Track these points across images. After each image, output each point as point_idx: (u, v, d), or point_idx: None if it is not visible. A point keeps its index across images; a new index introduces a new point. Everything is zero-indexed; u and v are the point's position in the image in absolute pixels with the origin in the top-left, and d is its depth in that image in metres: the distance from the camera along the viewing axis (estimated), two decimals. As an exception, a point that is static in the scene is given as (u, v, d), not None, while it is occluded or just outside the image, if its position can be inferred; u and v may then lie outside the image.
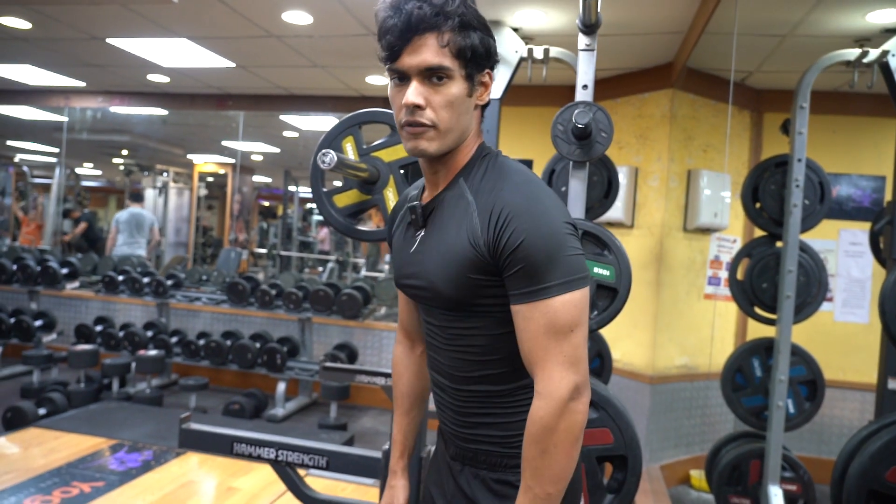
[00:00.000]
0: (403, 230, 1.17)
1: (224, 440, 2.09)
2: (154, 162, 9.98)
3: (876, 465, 1.54)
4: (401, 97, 1.01)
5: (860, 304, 3.94)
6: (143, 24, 3.57)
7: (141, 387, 4.66)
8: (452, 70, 0.99)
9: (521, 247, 0.94)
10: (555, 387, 0.95)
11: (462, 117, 1.03)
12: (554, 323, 0.95)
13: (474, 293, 1.00)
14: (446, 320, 1.07)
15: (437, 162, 1.07)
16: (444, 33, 0.98)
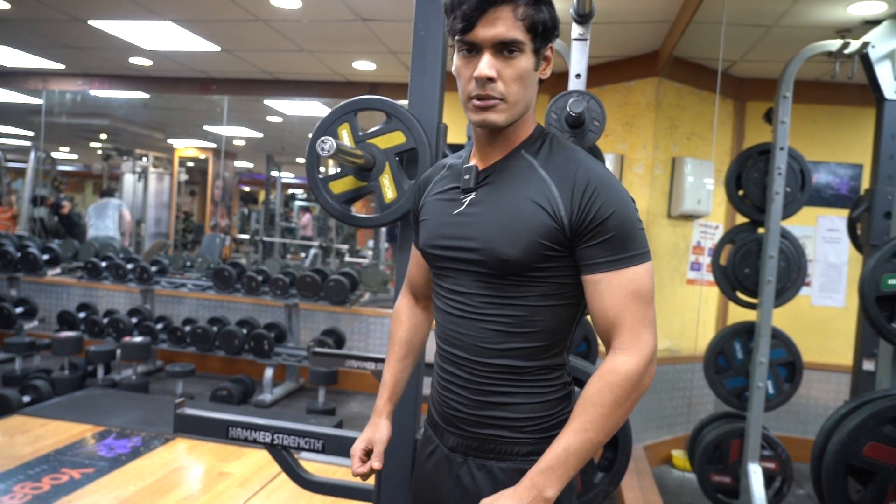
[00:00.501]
0: (440, 195, 1.16)
1: (219, 424, 2.11)
2: (133, 146, 9.82)
3: (854, 441, 1.61)
4: (470, 69, 1.01)
5: (836, 289, 4.05)
6: (128, 6, 3.52)
7: (126, 373, 4.64)
8: (524, 44, 0.99)
9: (611, 217, 0.98)
10: (643, 345, 0.98)
11: (528, 91, 1.04)
12: (640, 289, 0.99)
13: (536, 259, 1.01)
14: (485, 287, 1.05)
15: (497, 133, 1.07)
16: (519, 7, 0.98)
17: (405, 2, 3.19)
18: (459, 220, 1.09)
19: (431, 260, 1.15)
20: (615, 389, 0.97)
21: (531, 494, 0.94)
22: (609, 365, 0.99)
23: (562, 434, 0.98)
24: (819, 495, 1.71)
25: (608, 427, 0.98)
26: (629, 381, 0.97)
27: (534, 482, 0.96)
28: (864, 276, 1.69)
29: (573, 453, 0.96)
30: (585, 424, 0.97)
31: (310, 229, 12.04)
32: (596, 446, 0.98)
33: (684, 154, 3.88)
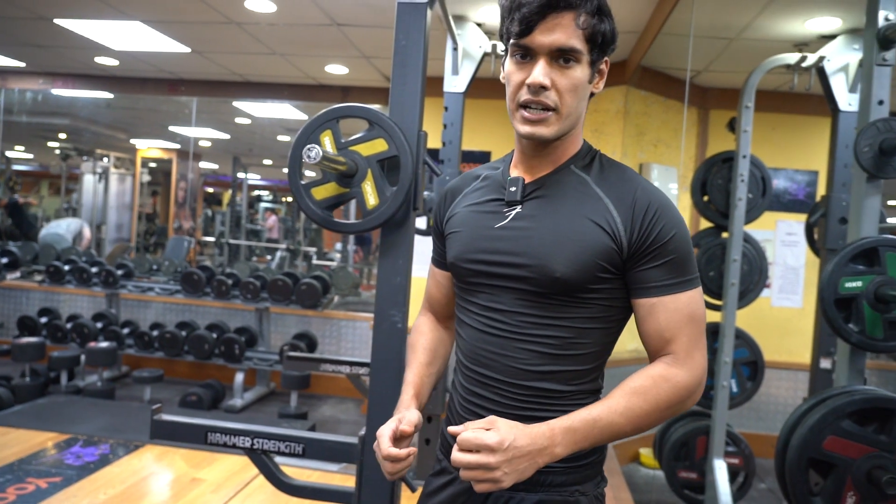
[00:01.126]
0: (476, 206, 1.09)
1: (198, 430, 2.10)
2: (94, 146, 9.58)
3: (814, 435, 1.70)
4: (523, 75, 0.97)
5: (795, 291, 4.23)
6: (96, 6, 3.46)
7: (91, 380, 4.54)
8: (582, 53, 0.96)
9: (672, 240, 0.96)
10: (696, 365, 0.97)
11: (581, 103, 1.00)
12: (695, 312, 0.98)
13: (590, 279, 0.98)
14: (528, 305, 1.00)
15: (545, 146, 1.03)
16: (581, 14, 0.94)
17: (381, 8, 3.22)
18: (503, 234, 1.03)
19: (465, 274, 1.08)
20: (661, 392, 0.95)
21: (545, 443, 0.90)
22: (662, 370, 0.97)
23: (597, 404, 0.94)
24: (783, 487, 1.80)
25: (639, 423, 0.95)
26: (677, 390, 0.96)
27: (553, 432, 0.91)
28: (823, 280, 1.79)
29: (599, 428, 0.93)
30: (622, 409, 0.93)
31: (275, 231, 11.93)
32: (619, 434, 0.95)
33: (651, 160, 4.00)
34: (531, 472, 0.90)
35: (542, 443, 0.89)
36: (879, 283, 1.74)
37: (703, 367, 0.98)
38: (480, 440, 0.87)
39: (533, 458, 0.89)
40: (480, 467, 0.87)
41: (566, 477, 1.01)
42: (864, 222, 1.85)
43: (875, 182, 1.85)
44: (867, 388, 1.79)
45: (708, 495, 3.00)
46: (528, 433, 0.90)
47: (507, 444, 0.87)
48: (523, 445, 0.88)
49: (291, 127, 7.12)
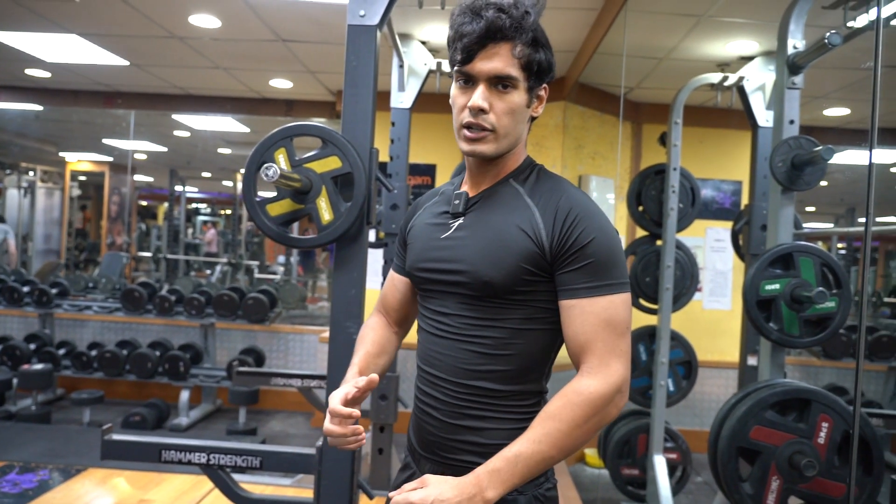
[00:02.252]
0: (430, 219, 1.18)
1: (151, 448, 2.09)
2: (18, 160, 9.14)
3: (742, 426, 1.85)
4: (465, 99, 1.06)
5: (724, 293, 4.50)
6: (31, 19, 3.37)
7: (24, 404, 4.35)
8: (518, 80, 1.04)
9: (591, 244, 1.01)
10: (611, 373, 0.99)
11: (518, 125, 1.08)
12: (613, 318, 1.01)
13: (517, 282, 1.03)
14: (468, 308, 1.07)
15: (488, 163, 1.11)
16: (517, 45, 1.03)
17: (326, 24, 3.27)
18: (446, 244, 1.12)
19: (418, 282, 1.17)
20: (575, 409, 0.97)
21: (473, 490, 0.93)
22: (574, 385, 1.00)
23: (517, 440, 0.98)
24: (715, 476, 1.95)
25: (562, 444, 0.97)
26: (591, 403, 0.97)
27: (479, 479, 0.95)
28: (746, 283, 1.96)
29: (523, 461, 0.95)
30: (540, 436, 0.96)
31: (214, 245, 11.66)
32: (547, 461, 0.97)
33: (589, 172, 4.19)
34: None
35: (470, 490, 0.93)
36: (794, 285, 1.92)
37: (621, 374, 1.00)
38: (408, 499, 0.92)
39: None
40: None
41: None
42: (780, 230, 2.03)
43: (789, 194, 2.04)
44: (787, 381, 1.97)
45: (649, 490, 3.16)
46: (454, 484, 0.94)
47: (431, 499, 0.92)
48: (450, 497, 0.92)
49: (233, 140, 7.03)
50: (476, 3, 1.03)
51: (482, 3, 1.03)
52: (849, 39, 1.99)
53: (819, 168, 1.96)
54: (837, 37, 1.84)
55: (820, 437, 1.83)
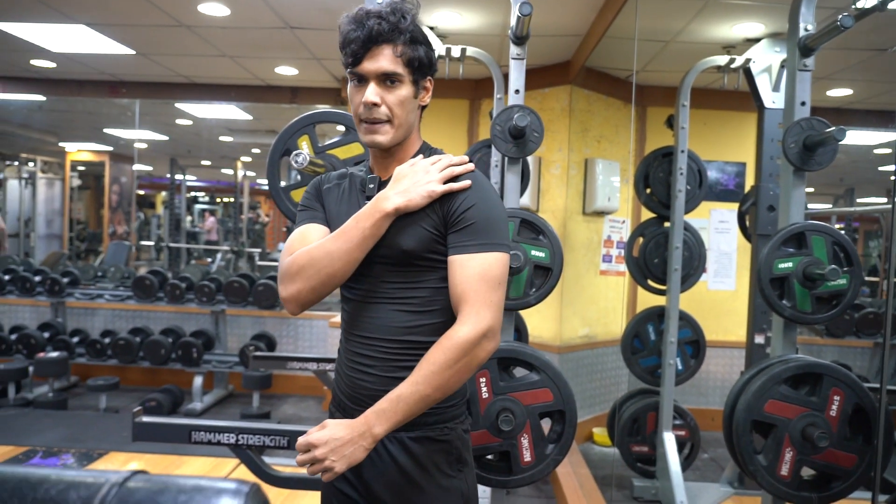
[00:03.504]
0: (342, 198, 1.31)
1: (181, 429, 2.15)
2: (19, 150, 9.13)
3: (756, 400, 1.91)
4: (360, 96, 1.20)
5: (728, 274, 4.56)
6: (38, 9, 3.37)
7: (41, 391, 4.41)
8: (403, 75, 1.19)
9: (471, 209, 1.17)
10: (480, 319, 1.13)
11: (409, 114, 1.23)
12: (486, 272, 1.15)
13: (428, 247, 1.19)
14: (392, 275, 1.22)
15: (389, 150, 1.26)
16: (397, 45, 1.17)
17: (334, 10, 3.29)
18: None
19: None
20: (446, 352, 1.12)
21: (363, 428, 1.09)
22: (448, 332, 1.15)
23: (400, 385, 1.13)
24: (730, 449, 2.01)
25: (436, 383, 1.12)
26: (460, 346, 1.12)
27: (367, 419, 1.10)
28: (759, 262, 2.01)
29: (403, 401, 1.11)
30: (418, 378, 1.12)
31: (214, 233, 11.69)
32: (425, 398, 1.12)
33: (595, 155, 4.23)
34: (361, 454, 1.09)
35: (360, 428, 1.10)
36: (807, 263, 1.98)
37: (489, 321, 1.14)
38: (307, 440, 1.09)
39: (356, 443, 1.09)
40: (314, 461, 1.08)
41: (436, 417, 1.23)
42: (792, 210, 2.08)
43: (801, 174, 2.08)
44: (799, 356, 2.03)
45: (659, 466, 3.24)
46: (346, 424, 1.10)
47: (326, 438, 1.08)
48: (342, 436, 1.08)
49: (235, 127, 7.03)
50: (359, 13, 1.18)
51: (364, 13, 1.17)
52: (858, 20, 2.02)
53: (831, 148, 2.00)
54: (850, 19, 1.88)
55: (832, 409, 1.90)
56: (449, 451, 1.26)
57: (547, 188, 4.17)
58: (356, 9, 1.20)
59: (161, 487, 0.50)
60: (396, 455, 1.23)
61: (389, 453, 1.23)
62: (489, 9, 3.21)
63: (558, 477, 3.31)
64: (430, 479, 1.23)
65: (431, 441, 1.23)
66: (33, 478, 0.50)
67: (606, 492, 3.33)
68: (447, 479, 1.25)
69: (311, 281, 1.20)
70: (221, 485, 0.50)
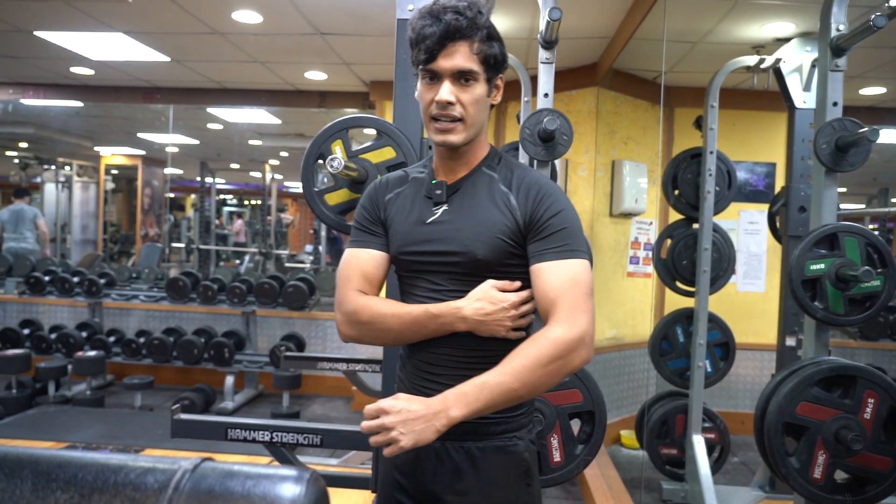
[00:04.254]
0: (406, 205, 1.26)
1: (217, 427, 2.21)
2: (56, 154, 9.40)
3: (788, 402, 1.90)
4: (432, 94, 1.16)
5: (758, 276, 4.51)
6: (80, 19, 3.49)
7: (79, 389, 4.54)
8: (478, 73, 1.16)
9: (558, 215, 1.16)
10: (576, 323, 1.09)
11: (482, 113, 1.20)
12: (578, 278, 1.12)
13: (503, 255, 1.17)
14: (462, 284, 1.19)
15: (458, 151, 1.22)
16: (474, 42, 1.14)
17: (364, 16, 3.35)
18: (435, 228, 1.22)
19: (407, 265, 1.26)
20: (540, 349, 1.07)
21: (439, 407, 1.03)
22: (543, 331, 1.11)
23: (490, 370, 1.08)
24: (762, 451, 2.00)
25: (525, 379, 1.06)
26: (556, 346, 1.07)
27: (446, 399, 1.05)
28: (791, 263, 2.00)
29: (488, 389, 1.05)
30: (507, 370, 1.07)
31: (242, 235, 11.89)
32: (510, 392, 1.06)
33: (622, 157, 4.22)
34: (431, 435, 1.02)
35: (436, 407, 1.03)
36: (839, 264, 1.96)
37: (585, 327, 1.09)
38: (379, 405, 1.03)
39: (429, 421, 1.02)
40: (382, 428, 1.01)
41: (505, 426, 1.20)
42: (824, 211, 2.07)
43: (833, 175, 2.07)
44: (832, 358, 2.02)
45: (688, 469, 3.22)
46: (422, 400, 1.04)
47: (399, 407, 1.02)
48: (416, 409, 1.02)
49: (265, 131, 7.16)
50: (434, 7, 1.14)
51: (440, 7, 1.13)
52: (892, 18, 2.00)
53: (864, 149, 1.98)
54: (883, 19, 1.86)
55: (866, 412, 1.88)
56: (518, 464, 1.21)
57: (574, 190, 4.17)
58: (430, 2, 1.16)
59: (229, 473, 0.53)
60: (462, 466, 1.18)
61: (454, 463, 1.19)
62: (516, 12, 3.23)
63: (586, 479, 3.32)
64: (496, 494, 1.18)
65: (499, 452, 1.19)
66: (113, 463, 0.54)
67: (635, 494, 3.32)
68: (514, 495, 1.20)
69: (367, 337, 1.25)
70: (284, 472, 0.54)
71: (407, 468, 1.24)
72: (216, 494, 0.51)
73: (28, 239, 6.40)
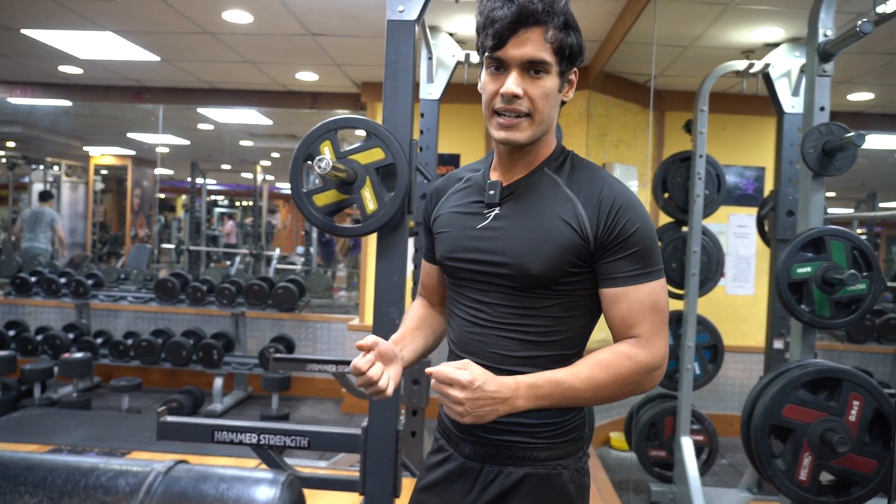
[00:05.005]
0: (459, 207, 1.17)
1: (204, 429, 2.19)
2: (44, 154, 9.33)
3: (775, 404, 1.91)
4: (497, 85, 1.04)
5: (746, 279, 4.53)
6: (68, 17, 3.47)
7: (65, 391, 4.50)
8: (551, 65, 1.03)
9: (636, 233, 1.03)
10: (657, 349, 1.04)
11: (552, 110, 1.07)
12: (657, 302, 1.05)
13: (561, 273, 1.05)
14: (509, 298, 1.08)
15: (520, 150, 1.10)
16: (549, 29, 1.01)
17: (356, 17, 3.34)
18: (485, 234, 1.11)
19: (452, 271, 1.16)
20: (622, 368, 1.02)
21: (508, 393, 0.98)
22: (625, 349, 1.04)
23: (562, 369, 1.03)
24: (749, 454, 2.01)
25: (599, 393, 1.02)
26: (637, 369, 1.03)
27: (518, 385, 1.00)
28: (777, 267, 2.01)
29: (561, 389, 1.01)
30: (585, 377, 1.02)
31: (233, 237, 11.84)
32: (578, 401, 1.03)
33: (613, 160, 4.23)
34: (491, 418, 0.99)
35: (506, 393, 0.98)
36: (826, 268, 1.97)
37: (664, 352, 1.05)
38: (454, 376, 0.96)
39: (495, 405, 0.98)
40: (448, 397, 0.97)
41: (549, 452, 1.09)
42: (811, 214, 2.08)
43: (819, 179, 2.08)
44: (818, 360, 2.03)
45: (677, 471, 3.23)
46: (496, 380, 0.99)
47: (476, 385, 0.96)
48: (490, 390, 0.97)
49: (256, 132, 7.13)
50: None
51: None
52: (878, 25, 2.02)
53: (850, 153, 2.00)
54: (869, 25, 1.88)
55: (851, 414, 1.89)
56: (559, 493, 1.10)
57: (564, 192, 4.17)
58: None
59: (203, 476, 0.53)
60: (498, 492, 1.09)
61: (490, 488, 1.10)
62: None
63: (575, 481, 3.32)
64: None
65: (541, 480, 1.09)
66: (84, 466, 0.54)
67: (624, 496, 3.33)
68: None
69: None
70: (259, 475, 0.54)
71: (440, 488, 1.17)
72: (189, 497, 0.50)
73: (41, 241, 6.55)
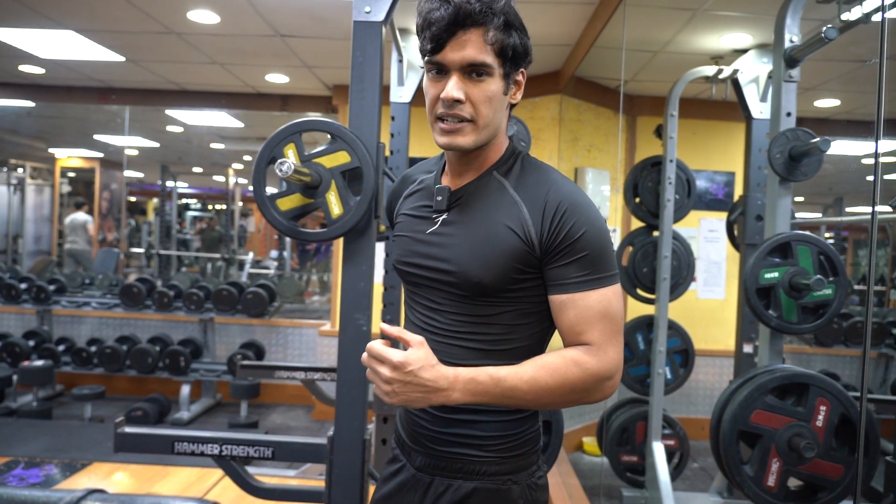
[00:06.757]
0: (412, 210, 1.14)
1: (164, 440, 2.12)
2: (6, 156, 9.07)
3: (743, 410, 1.91)
4: (438, 90, 1.01)
5: (717, 283, 4.57)
6: (26, 14, 3.35)
7: (25, 400, 4.36)
8: (493, 67, 0.99)
9: (582, 237, 0.98)
10: (609, 359, 0.98)
11: (497, 114, 1.03)
12: (608, 310, 0.99)
13: (508, 281, 1.01)
14: (460, 306, 1.05)
15: (468, 155, 1.07)
16: (489, 30, 0.97)
17: (325, 19, 3.29)
18: (433, 240, 1.09)
19: (404, 276, 1.14)
20: (569, 374, 0.97)
21: (444, 384, 0.93)
22: (574, 355, 0.99)
23: (506, 367, 0.97)
24: (717, 459, 2.00)
25: (541, 396, 0.97)
26: (585, 377, 0.98)
27: (456, 378, 0.95)
28: (745, 272, 2.01)
29: (501, 388, 0.96)
30: (527, 377, 0.96)
31: (203, 241, 11.65)
32: (519, 402, 0.98)
33: (585, 164, 4.24)
34: (421, 406, 0.94)
35: (442, 383, 0.93)
36: (793, 273, 1.98)
37: (617, 362, 1.00)
38: (385, 354, 0.92)
39: (427, 394, 0.93)
40: (377, 375, 0.93)
41: (499, 466, 1.06)
42: (778, 220, 2.09)
43: (786, 184, 2.09)
44: (786, 366, 2.03)
45: (648, 476, 3.23)
46: (434, 370, 0.93)
47: (408, 368, 0.91)
48: (424, 377, 0.92)
49: (226, 135, 7.01)
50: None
51: None
52: (843, 32, 2.04)
53: (816, 159, 2.01)
54: (834, 31, 1.89)
55: (818, 420, 1.89)
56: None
57: (537, 197, 4.16)
58: None
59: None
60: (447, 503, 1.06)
61: (438, 500, 1.07)
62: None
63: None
64: None
65: (489, 494, 1.05)
66: (-14, 497, 0.48)
67: (595, 501, 3.31)
68: None
69: None
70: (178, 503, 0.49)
71: (394, 499, 1.14)
72: (96, 533, 0.45)
73: (78, 243, 7.82)
